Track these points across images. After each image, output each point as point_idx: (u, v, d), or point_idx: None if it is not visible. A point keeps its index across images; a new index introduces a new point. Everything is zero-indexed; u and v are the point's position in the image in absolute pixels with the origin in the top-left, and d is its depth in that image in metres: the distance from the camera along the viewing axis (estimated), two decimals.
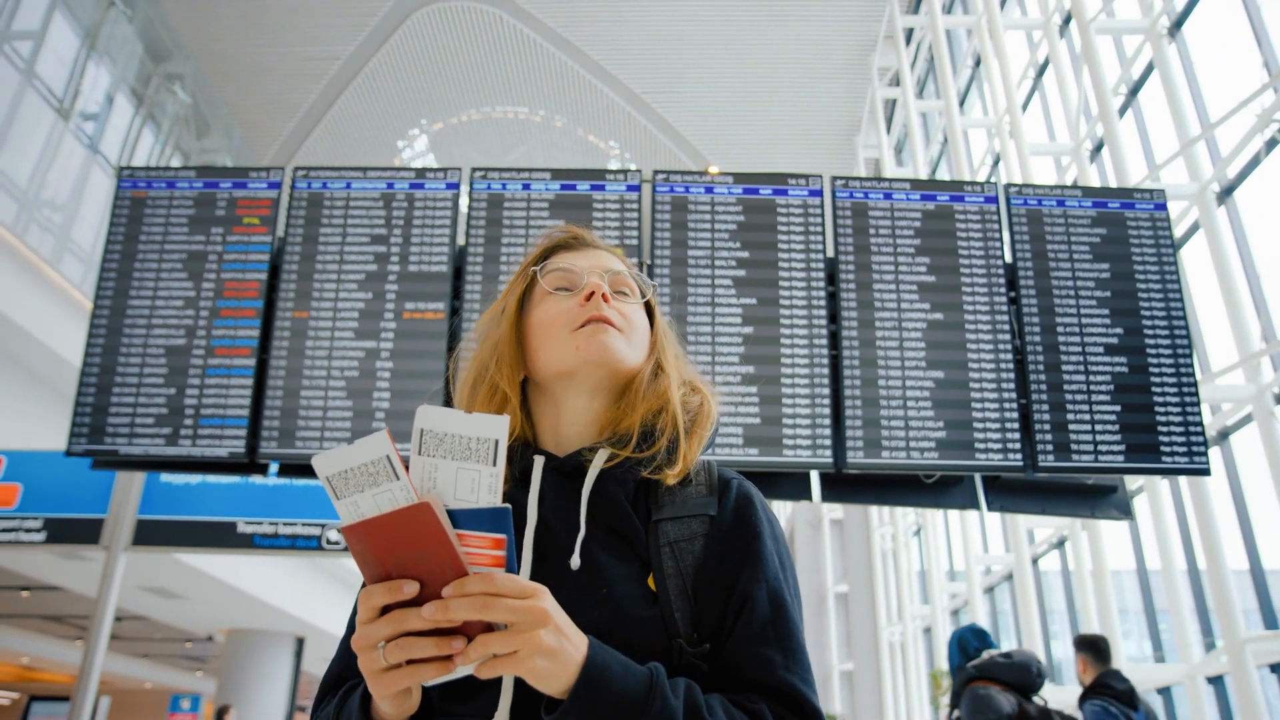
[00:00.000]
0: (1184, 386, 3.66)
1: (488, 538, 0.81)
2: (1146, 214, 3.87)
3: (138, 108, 13.23)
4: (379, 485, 0.78)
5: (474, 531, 0.81)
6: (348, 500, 0.79)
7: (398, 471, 0.78)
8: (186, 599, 12.31)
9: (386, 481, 0.78)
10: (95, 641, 5.21)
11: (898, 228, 3.85)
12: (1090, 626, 7.48)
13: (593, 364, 1.07)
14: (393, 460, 0.78)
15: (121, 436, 3.68)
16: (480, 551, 0.81)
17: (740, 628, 0.98)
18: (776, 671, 0.96)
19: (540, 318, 1.12)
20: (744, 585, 1.00)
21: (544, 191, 3.93)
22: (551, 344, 1.09)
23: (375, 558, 0.81)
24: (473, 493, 0.81)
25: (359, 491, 0.79)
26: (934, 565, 12.43)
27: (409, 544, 0.79)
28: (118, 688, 22.31)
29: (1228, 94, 6.46)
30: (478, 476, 0.81)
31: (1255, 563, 6.12)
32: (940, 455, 3.56)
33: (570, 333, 1.09)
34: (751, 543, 1.04)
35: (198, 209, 3.97)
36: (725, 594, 1.00)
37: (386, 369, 3.78)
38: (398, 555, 0.80)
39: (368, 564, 0.81)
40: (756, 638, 0.97)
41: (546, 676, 0.82)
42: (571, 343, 1.08)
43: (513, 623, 0.80)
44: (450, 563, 0.80)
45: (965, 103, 11.93)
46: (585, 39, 13.67)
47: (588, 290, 1.10)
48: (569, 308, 1.11)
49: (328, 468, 0.79)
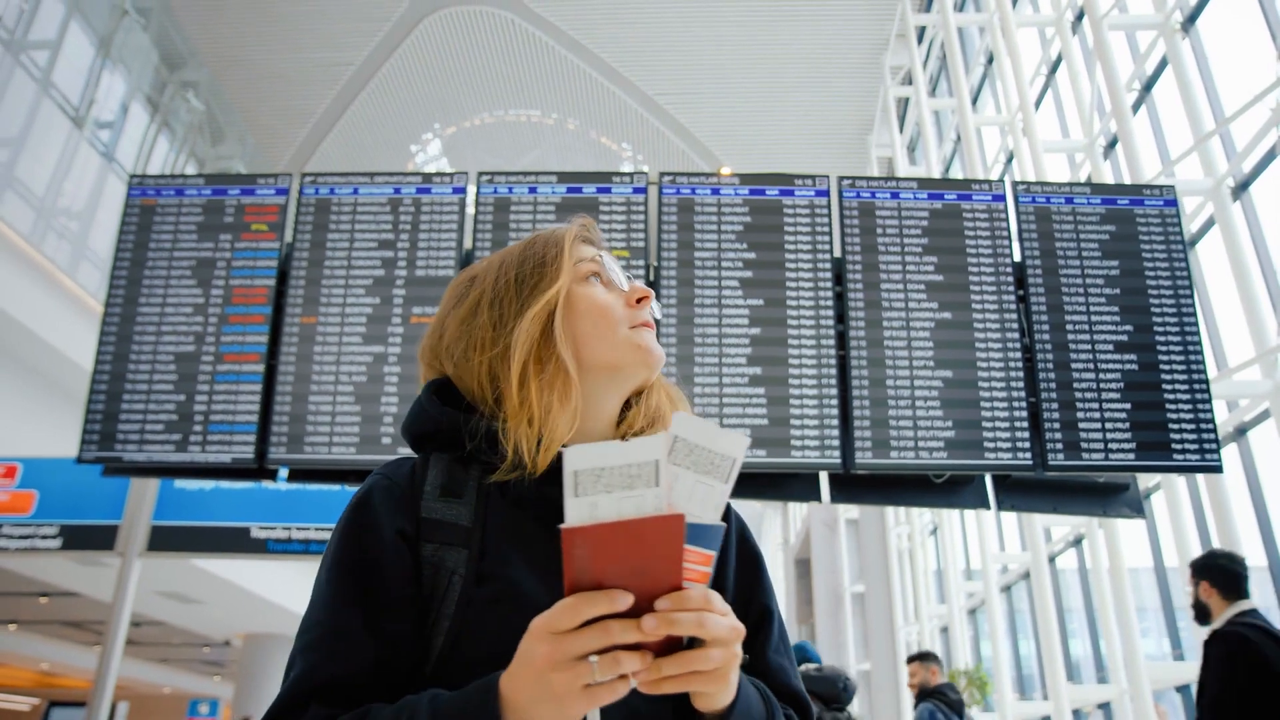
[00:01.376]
0: (1195, 383, 3.62)
1: (700, 553, 0.79)
2: (1156, 210, 3.84)
3: (153, 115, 13.34)
4: (632, 489, 0.74)
5: (694, 547, 0.79)
6: (586, 499, 0.74)
7: (660, 479, 0.75)
8: (204, 604, 12.40)
9: (644, 487, 0.74)
10: (111, 646, 5.25)
11: (905, 227, 3.83)
12: (1108, 625, 7.42)
13: (645, 366, 1.06)
14: (660, 467, 0.75)
15: (132, 443, 3.71)
16: (692, 567, 0.79)
17: (762, 640, 1.04)
18: (790, 680, 1.04)
19: (591, 303, 1.07)
20: (761, 600, 1.07)
21: (550, 194, 3.94)
22: (606, 334, 1.06)
23: (594, 564, 0.76)
24: (701, 507, 0.79)
25: (605, 492, 0.74)
26: (950, 564, 12.36)
27: (638, 554, 0.76)
28: (136, 693, 22.47)
29: (1242, 88, 6.40)
30: (710, 492, 0.79)
31: (1274, 559, 6.06)
32: (949, 455, 3.54)
33: (628, 328, 1.06)
34: (758, 564, 1.09)
35: (206, 216, 3.99)
36: (743, 608, 1.02)
37: (394, 373, 3.79)
38: (617, 564, 0.76)
39: (580, 570, 0.76)
40: (775, 649, 1.05)
41: (723, 694, 0.83)
42: (630, 339, 1.06)
43: (719, 639, 0.79)
44: (672, 577, 0.77)
45: (978, 100, 11.87)
46: (597, 41, 13.68)
47: (639, 294, 1.09)
48: (616, 302, 1.08)
49: (581, 461, 0.74)
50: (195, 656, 19.53)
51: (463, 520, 0.97)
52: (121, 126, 12.53)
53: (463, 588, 0.93)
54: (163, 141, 13.70)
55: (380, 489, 0.98)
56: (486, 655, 0.87)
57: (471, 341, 1.05)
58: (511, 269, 1.09)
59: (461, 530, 0.96)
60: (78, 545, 5.77)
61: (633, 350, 1.05)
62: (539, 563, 0.95)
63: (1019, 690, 11.07)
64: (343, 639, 0.90)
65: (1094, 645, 9.00)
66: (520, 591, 0.93)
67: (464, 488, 0.99)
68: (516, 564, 0.94)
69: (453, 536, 0.95)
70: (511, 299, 1.06)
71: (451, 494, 0.99)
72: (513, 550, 0.96)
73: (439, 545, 0.95)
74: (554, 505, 0.96)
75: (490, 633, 0.91)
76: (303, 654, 0.90)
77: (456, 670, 0.89)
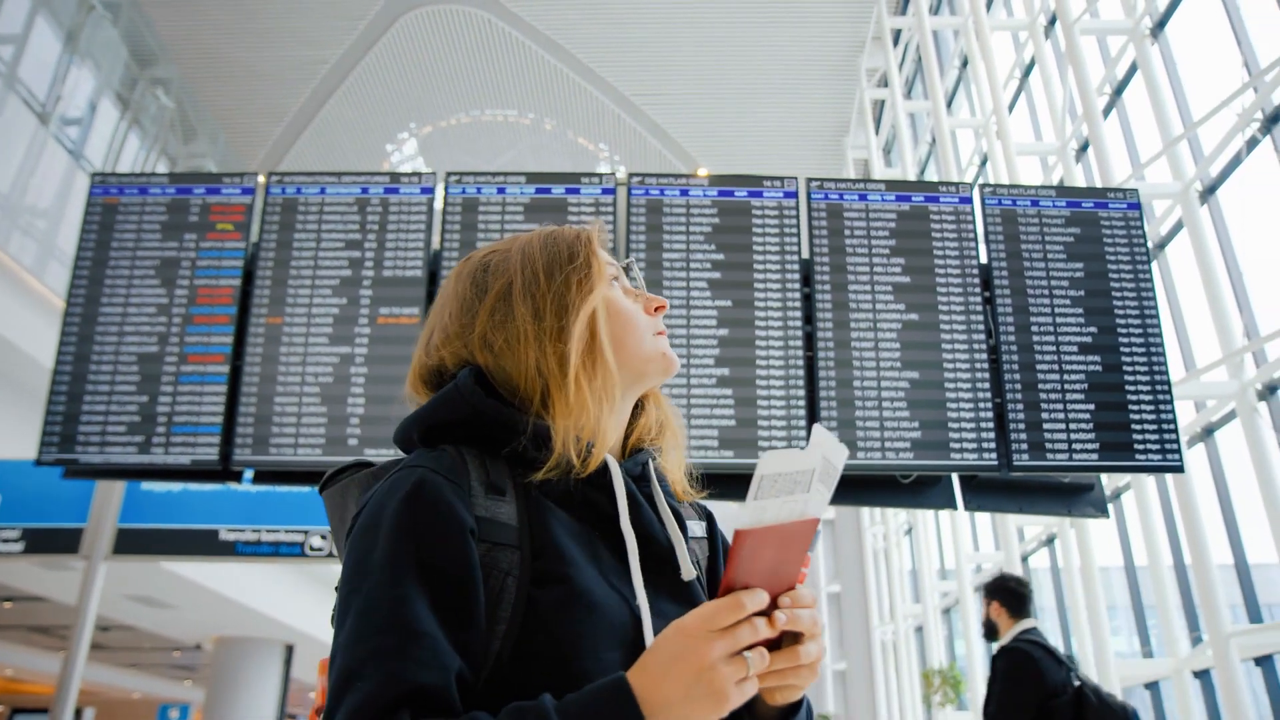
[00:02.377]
0: (1157, 384, 3.65)
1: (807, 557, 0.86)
2: (1120, 213, 3.87)
3: (123, 113, 13.19)
4: (793, 494, 0.79)
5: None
6: (758, 503, 0.77)
7: (811, 485, 0.79)
8: (174, 607, 12.27)
9: (800, 492, 0.79)
10: (75, 651, 5.18)
11: (873, 229, 3.84)
12: (1079, 623, 7.48)
13: (666, 374, 1.09)
14: (815, 474, 0.79)
15: (93, 445, 3.66)
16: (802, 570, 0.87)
17: None
18: None
19: (621, 307, 1.08)
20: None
21: (519, 195, 3.92)
22: (637, 340, 1.07)
23: (752, 564, 0.80)
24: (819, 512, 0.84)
25: (774, 496, 0.78)
26: (925, 564, 12.43)
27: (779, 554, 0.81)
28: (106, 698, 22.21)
29: (1210, 94, 6.47)
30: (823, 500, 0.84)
31: (1240, 558, 6.13)
32: (916, 455, 3.56)
33: (653, 335, 1.08)
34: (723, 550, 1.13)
35: (171, 215, 3.95)
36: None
37: (361, 374, 3.76)
38: (761, 564, 0.81)
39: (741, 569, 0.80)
40: None
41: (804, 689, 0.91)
42: (657, 347, 1.08)
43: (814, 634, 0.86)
44: (794, 576, 0.84)
45: (953, 103, 11.94)
46: (574, 42, 13.65)
47: (657, 303, 1.11)
48: (639, 310, 1.09)
49: (772, 466, 0.77)
50: (165, 661, 19.31)
51: (511, 519, 0.94)
52: (90, 124, 12.37)
53: (517, 590, 0.90)
54: (133, 139, 13.53)
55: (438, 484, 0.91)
56: (554, 660, 0.88)
57: (513, 334, 1.02)
58: (537, 262, 1.07)
59: (511, 530, 0.93)
60: (41, 549, 5.69)
61: (659, 357, 1.07)
62: (592, 564, 0.95)
63: None
64: (422, 646, 0.83)
65: (1065, 643, 9.07)
66: (589, 594, 0.92)
67: (505, 484, 0.96)
68: (580, 565, 0.93)
69: (503, 536, 0.92)
70: (544, 294, 1.04)
71: (497, 491, 0.95)
72: (569, 551, 0.94)
73: (491, 545, 0.91)
74: (595, 507, 1.00)
75: (560, 637, 0.89)
76: (374, 661, 0.82)
77: (519, 676, 0.88)
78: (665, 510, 1.03)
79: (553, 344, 1.00)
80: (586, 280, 1.05)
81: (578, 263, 1.06)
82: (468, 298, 1.07)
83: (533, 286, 1.04)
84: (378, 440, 3.66)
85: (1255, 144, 5.86)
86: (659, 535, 1.01)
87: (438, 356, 1.07)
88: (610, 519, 0.99)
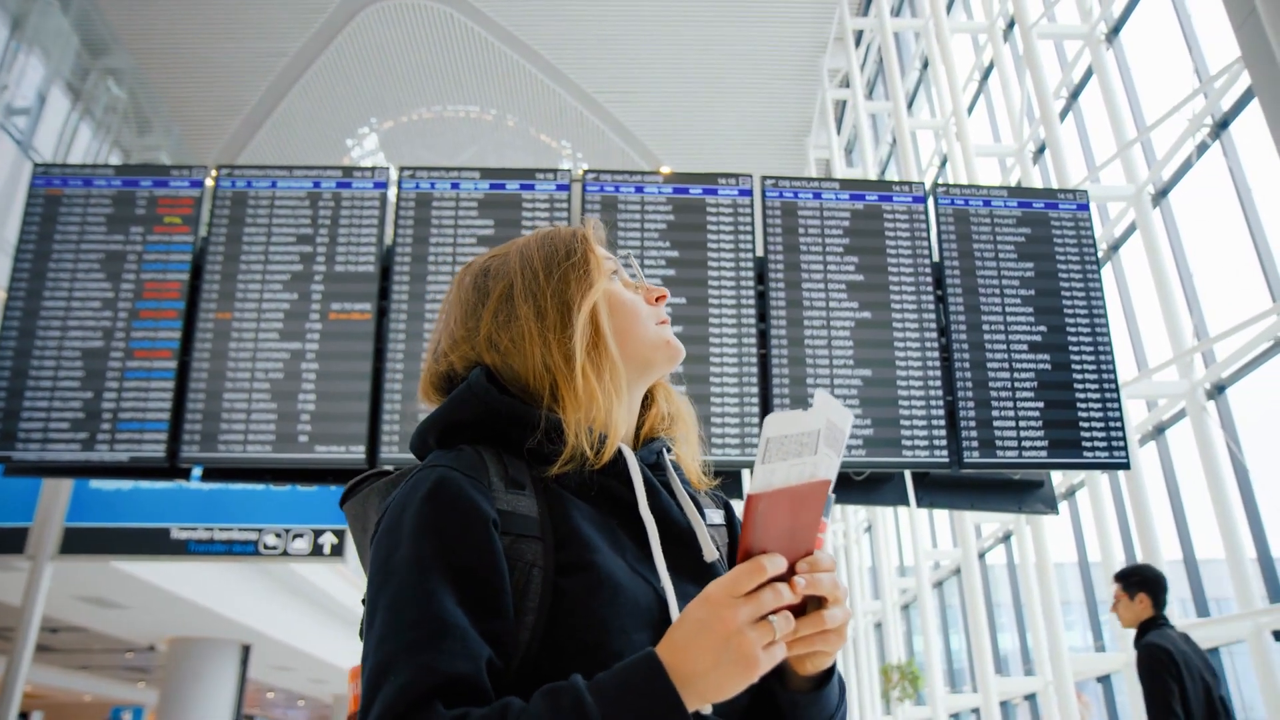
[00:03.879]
0: (1105, 383, 3.70)
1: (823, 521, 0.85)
2: (1070, 214, 3.92)
3: (74, 103, 12.91)
4: (800, 456, 0.78)
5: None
6: (768, 466, 0.77)
7: (818, 447, 0.78)
8: (126, 608, 12.01)
9: (807, 454, 0.78)
10: (19, 655, 5.07)
11: (827, 227, 3.86)
12: (1035, 618, 7.59)
13: (671, 362, 1.10)
14: (821, 435, 0.78)
15: (34, 442, 3.58)
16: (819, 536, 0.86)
17: None
18: None
19: (622, 299, 1.10)
20: None
21: (473, 191, 3.89)
22: (641, 330, 1.09)
23: (765, 530, 0.80)
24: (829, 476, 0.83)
25: (782, 459, 0.77)
26: (884, 561, 12.54)
27: (793, 518, 0.80)
28: (55, 701, 21.75)
29: (1162, 99, 6.58)
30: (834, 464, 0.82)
31: (1189, 553, 6.24)
32: (868, 452, 3.58)
33: (656, 325, 1.10)
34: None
35: (116, 208, 3.87)
36: None
37: (312, 370, 3.71)
38: (776, 529, 0.80)
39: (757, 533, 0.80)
40: None
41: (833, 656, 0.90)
42: (661, 335, 1.09)
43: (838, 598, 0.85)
44: (811, 540, 0.83)
45: (913, 104, 12.05)
46: (537, 38, 13.60)
47: (658, 293, 1.12)
48: (640, 300, 1.11)
49: (776, 428, 0.77)
50: (118, 662, 18.95)
51: (531, 512, 0.96)
52: (39, 114, 12.10)
53: (543, 580, 0.91)
54: (84, 131, 13.25)
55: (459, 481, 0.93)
56: (585, 645, 0.88)
57: (517, 333, 1.05)
58: (536, 262, 1.09)
59: (533, 521, 0.95)
60: None
61: (664, 345, 1.09)
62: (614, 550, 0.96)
63: (950, 683, 11.27)
64: (454, 638, 0.84)
65: (1021, 638, 9.19)
66: (613, 578, 0.93)
67: (524, 478, 0.98)
68: (603, 552, 0.95)
69: (526, 528, 0.94)
70: (544, 291, 1.06)
71: (516, 485, 0.97)
72: (592, 539, 0.96)
73: (514, 538, 0.93)
74: (613, 496, 1.01)
75: (589, 622, 0.90)
76: (408, 654, 0.83)
77: (551, 663, 0.88)
78: (683, 495, 1.05)
79: (557, 339, 1.03)
80: (585, 276, 1.07)
81: (575, 259, 1.09)
82: (471, 302, 1.10)
83: (533, 285, 1.07)
84: (329, 437, 3.61)
85: (1205, 149, 5.96)
86: (678, 519, 1.03)
87: (446, 362, 1.09)
88: (629, 506, 1.01)
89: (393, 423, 3.61)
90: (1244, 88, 5.54)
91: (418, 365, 3.69)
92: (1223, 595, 6.01)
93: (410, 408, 3.63)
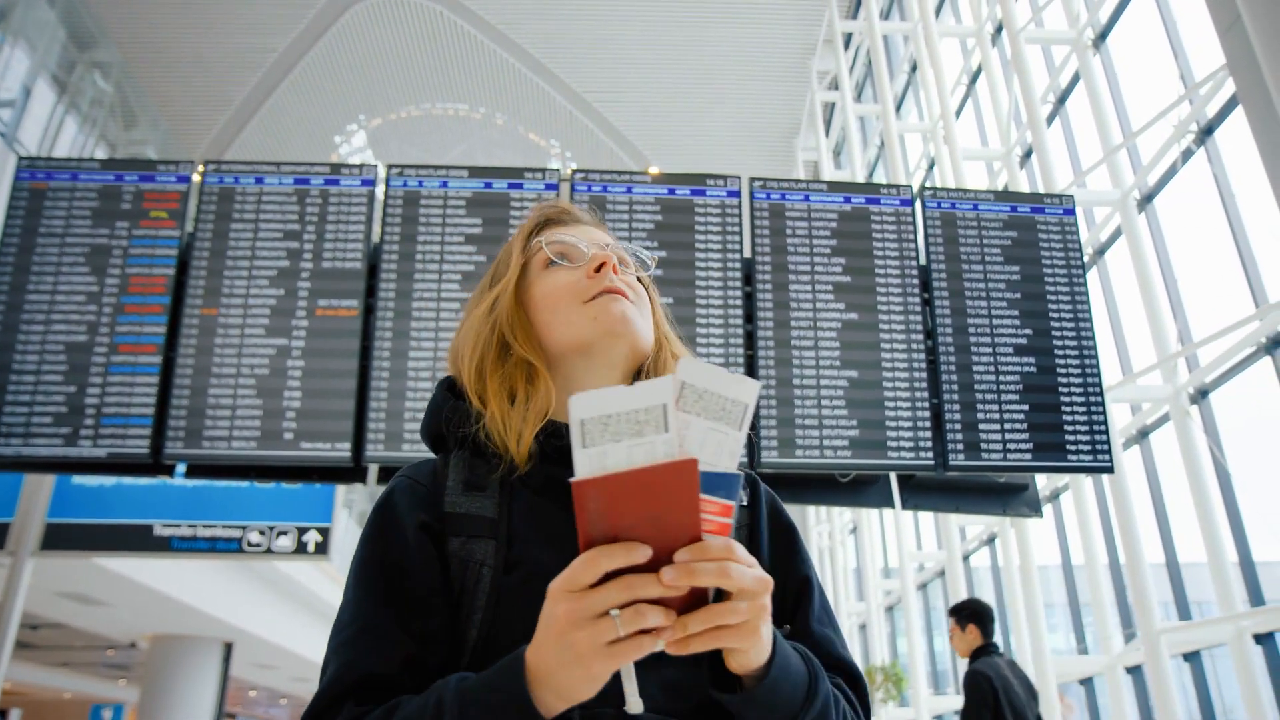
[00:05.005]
0: (1089, 387, 3.72)
1: (719, 503, 0.76)
2: (1056, 219, 3.94)
3: (59, 96, 12.81)
4: (642, 436, 0.70)
5: (711, 496, 0.75)
6: (595, 450, 0.70)
7: (670, 424, 0.71)
8: (107, 605, 11.94)
9: (653, 433, 0.71)
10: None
11: (814, 229, 3.87)
12: (1018, 620, 7.62)
13: (612, 335, 1.02)
14: (669, 411, 0.71)
15: (16, 437, 3.55)
16: (710, 518, 0.76)
17: (803, 611, 1.03)
18: (837, 649, 1.01)
19: (545, 290, 1.06)
20: (800, 571, 1.05)
21: (462, 189, 3.88)
22: (564, 316, 1.04)
23: (609, 518, 0.72)
24: (716, 455, 0.75)
25: (614, 441, 0.70)
26: (869, 563, 12.58)
27: (653, 504, 0.72)
28: (34, 698, 21.58)
29: (1148, 104, 6.62)
30: (724, 439, 0.75)
31: (1171, 556, 6.29)
32: (854, 454, 3.59)
33: (583, 304, 1.03)
34: (792, 534, 1.09)
35: (102, 202, 3.85)
36: (781, 580, 1.00)
37: (298, 367, 3.70)
38: (635, 516, 0.72)
39: (595, 523, 0.73)
40: (818, 620, 1.03)
41: (757, 651, 0.80)
42: (587, 314, 1.03)
43: (745, 591, 0.75)
44: (690, 527, 0.74)
45: (902, 107, 12.08)
46: (527, 36, 13.57)
47: (596, 262, 1.05)
48: (576, 279, 1.05)
49: (587, 409, 0.70)
50: (98, 660, 18.83)
51: (488, 512, 0.97)
52: (24, 106, 12.01)
53: (492, 578, 0.93)
54: (70, 124, 13.15)
55: (402, 489, 0.99)
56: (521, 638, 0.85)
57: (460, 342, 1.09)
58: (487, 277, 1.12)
59: (487, 522, 0.96)
60: None
61: (590, 323, 1.03)
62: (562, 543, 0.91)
63: (933, 685, 11.31)
64: (374, 636, 0.89)
65: (1005, 640, 9.23)
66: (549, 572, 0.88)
67: (486, 481, 0.99)
68: (542, 545, 0.94)
69: (479, 529, 0.95)
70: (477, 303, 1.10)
71: (475, 488, 0.98)
72: (537, 533, 0.96)
73: (466, 539, 0.95)
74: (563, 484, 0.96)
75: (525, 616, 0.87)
76: (335, 654, 0.90)
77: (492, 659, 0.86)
78: None
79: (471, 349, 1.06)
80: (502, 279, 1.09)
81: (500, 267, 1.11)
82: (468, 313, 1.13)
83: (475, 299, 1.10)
84: (314, 434, 3.60)
85: (1190, 155, 6.00)
86: None
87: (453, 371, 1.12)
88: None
89: (379, 420, 3.60)
90: (1229, 95, 5.58)
91: (404, 363, 3.68)
92: (1204, 598, 6.05)
93: (396, 405, 3.62)
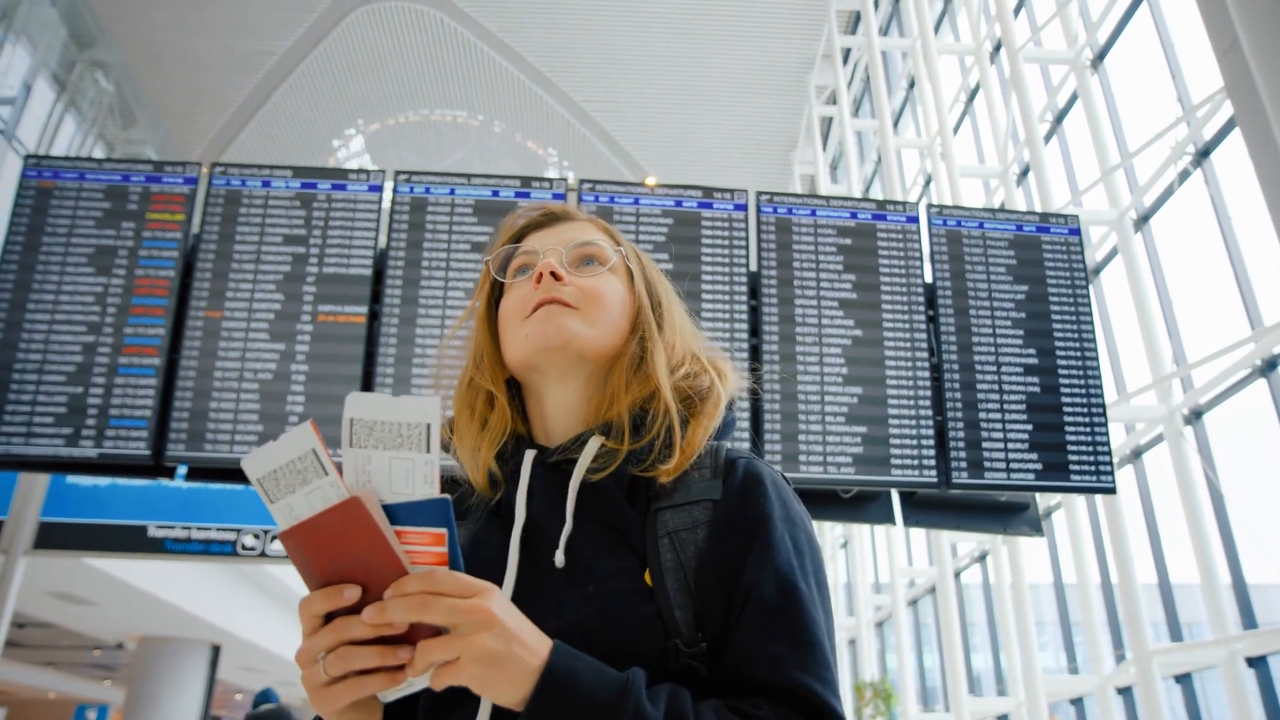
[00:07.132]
0: (1093, 407, 3.74)
1: (428, 533, 0.75)
2: (1061, 238, 3.96)
3: (59, 94, 12.78)
4: (309, 483, 0.72)
5: (414, 527, 0.75)
6: (281, 503, 0.72)
7: (325, 466, 0.72)
8: (95, 604, 11.87)
9: (316, 478, 0.72)
10: None
11: (821, 244, 3.88)
12: (1009, 639, 7.63)
13: (545, 350, 0.98)
14: (319, 454, 0.71)
15: (17, 436, 3.53)
16: (421, 549, 0.75)
17: (744, 621, 0.86)
18: (785, 670, 0.83)
19: (504, 309, 1.05)
20: (749, 574, 0.88)
21: (468, 197, 3.88)
22: (511, 335, 1.02)
23: (315, 564, 0.74)
24: (408, 484, 0.75)
25: (290, 492, 0.72)
26: (859, 578, 12.58)
27: (346, 545, 0.72)
28: (19, 698, 21.42)
29: (1145, 125, 6.67)
30: (412, 466, 0.75)
31: (1163, 577, 6.31)
32: (857, 470, 3.59)
33: (522, 321, 1.00)
34: (758, 526, 0.91)
35: (109, 202, 3.83)
36: (729, 585, 0.89)
37: (302, 372, 3.69)
38: (338, 559, 0.73)
39: (308, 572, 0.74)
40: (762, 631, 0.86)
41: (494, 686, 0.74)
42: (522, 332, 1.00)
43: (454, 625, 0.73)
44: (389, 563, 0.73)
45: (899, 123, 12.14)
46: (526, 45, 13.61)
47: (537, 272, 1.01)
48: (523, 295, 1.02)
49: (257, 469, 0.72)
50: (85, 660, 18.70)
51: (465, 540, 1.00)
52: (24, 104, 11.97)
53: None
54: (69, 122, 13.12)
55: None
56: None
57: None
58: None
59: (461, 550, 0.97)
60: None
61: (524, 341, 1.00)
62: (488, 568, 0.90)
63: (923, 702, 11.31)
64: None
65: (995, 658, 9.24)
66: None
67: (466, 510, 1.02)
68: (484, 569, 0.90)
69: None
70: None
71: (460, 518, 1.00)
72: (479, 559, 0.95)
73: None
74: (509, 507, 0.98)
75: None
76: None
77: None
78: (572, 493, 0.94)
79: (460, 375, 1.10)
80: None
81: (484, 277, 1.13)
82: None
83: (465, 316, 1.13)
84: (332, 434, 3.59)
85: (1187, 176, 6.05)
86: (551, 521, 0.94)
87: None
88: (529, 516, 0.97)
89: None
90: (1226, 117, 5.63)
91: (408, 369, 3.67)
92: (1196, 620, 6.07)
93: None
